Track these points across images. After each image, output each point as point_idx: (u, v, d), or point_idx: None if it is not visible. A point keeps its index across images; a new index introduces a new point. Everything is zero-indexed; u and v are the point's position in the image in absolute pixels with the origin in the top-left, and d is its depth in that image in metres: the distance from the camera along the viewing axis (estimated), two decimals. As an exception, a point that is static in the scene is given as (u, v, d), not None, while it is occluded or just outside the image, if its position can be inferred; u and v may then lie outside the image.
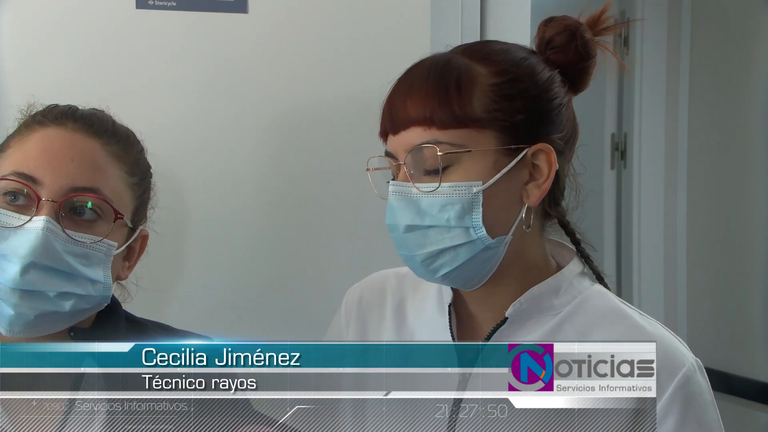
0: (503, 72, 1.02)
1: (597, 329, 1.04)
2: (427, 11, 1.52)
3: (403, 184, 1.02)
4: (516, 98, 1.01)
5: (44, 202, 1.01)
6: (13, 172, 1.02)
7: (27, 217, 1.01)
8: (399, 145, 1.02)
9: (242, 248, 1.51)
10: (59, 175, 1.03)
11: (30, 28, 1.41)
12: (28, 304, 1.01)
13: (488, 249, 1.02)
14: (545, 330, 1.05)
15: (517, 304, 1.06)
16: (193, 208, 1.47)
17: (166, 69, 1.45)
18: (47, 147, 1.04)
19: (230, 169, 1.49)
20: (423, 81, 1.01)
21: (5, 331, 1.02)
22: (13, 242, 1.00)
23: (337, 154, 1.51)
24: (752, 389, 2.58)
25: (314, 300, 1.51)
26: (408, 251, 1.03)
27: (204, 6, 1.46)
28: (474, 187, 1.00)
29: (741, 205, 2.71)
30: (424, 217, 1.01)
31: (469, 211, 1.00)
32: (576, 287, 1.08)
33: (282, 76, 1.49)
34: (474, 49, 1.05)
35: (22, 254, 0.99)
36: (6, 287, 1.00)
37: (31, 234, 1.00)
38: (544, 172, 1.03)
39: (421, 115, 1.00)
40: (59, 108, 1.10)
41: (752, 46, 2.66)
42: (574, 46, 1.07)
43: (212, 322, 1.46)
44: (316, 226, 1.53)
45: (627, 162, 2.97)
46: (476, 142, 1.00)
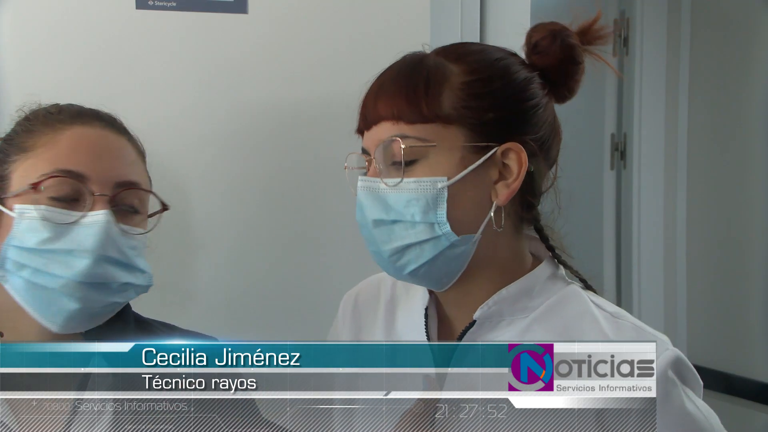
0: (475, 71, 1.03)
1: (565, 333, 1.03)
2: (427, 11, 1.52)
3: (370, 179, 1.04)
4: (486, 97, 1.02)
5: (98, 197, 1.03)
6: (58, 169, 1.03)
7: (78, 213, 1.03)
8: (371, 140, 1.04)
9: (243, 247, 1.51)
10: (105, 170, 1.05)
11: (30, 28, 1.41)
12: (94, 297, 1.03)
13: (454, 246, 1.01)
14: (515, 333, 1.05)
15: (485, 307, 1.05)
16: (193, 207, 1.47)
17: (165, 69, 1.45)
18: (88, 144, 1.06)
19: (230, 168, 1.49)
20: (393, 79, 1.03)
21: (59, 327, 1.04)
22: (76, 237, 1.02)
23: (338, 154, 1.50)
24: (752, 389, 2.58)
25: (316, 297, 1.51)
26: (375, 247, 1.04)
27: (204, 6, 1.46)
28: (439, 182, 1.00)
29: (741, 205, 2.71)
30: (389, 212, 1.02)
31: (433, 207, 1.00)
32: (550, 288, 1.07)
33: (282, 76, 1.49)
34: (450, 49, 1.07)
35: (91, 247, 1.01)
36: (73, 281, 1.01)
37: (95, 227, 1.02)
38: (514, 171, 1.03)
39: (390, 110, 1.01)
40: (73, 107, 1.11)
41: (752, 46, 2.66)
42: (554, 48, 1.07)
43: (212, 321, 1.46)
44: (317, 225, 1.53)
45: (627, 162, 2.97)
46: (443, 137, 1.01)
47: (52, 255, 1.02)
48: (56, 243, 1.01)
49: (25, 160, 1.05)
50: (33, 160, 1.04)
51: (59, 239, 1.02)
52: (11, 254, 1.02)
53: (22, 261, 1.02)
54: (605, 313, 1.06)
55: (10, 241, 1.02)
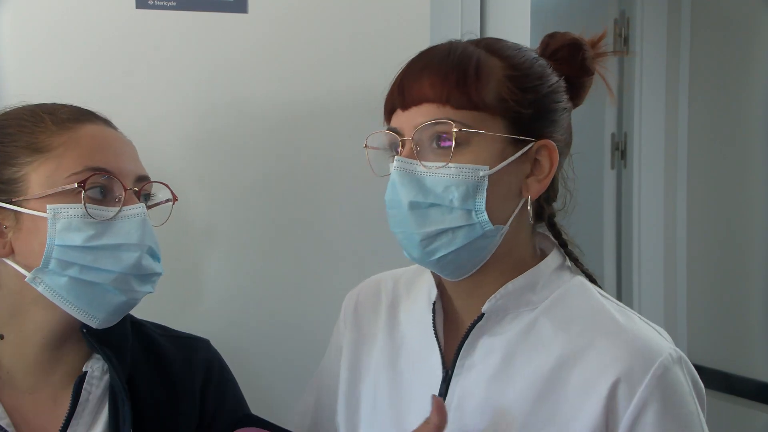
0: (518, 66, 1.04)
1: (573, 325, 1.04)
2: (427, 11, 1.52)
3: (408, 160, 1.02)
4: (529, 92, 1.03)
5: (130, 192, 1.06)
6: (90, 167, 1.04)
7: (114, 208, 1.05)
8: (407, 120, 1.03)
9: (242, 247, 1.51)
10: (128, 166, 1.07)
11: (30, 28, 1.41)
12: (139, 288, 1.06)
13: (485, 236, 1.02)
14: (522, 325, 1.06)
15: (492, 300, 1.06)
16: (192, 207, 1.47)
17: (165, 68, 1.45)
18: (107, 142, 1.08)
19: (230, 168, 1.49)
20: (442, 62, 1.02)
21: (100, 321, 1.06)
22: (121, 231, 1.04)
23: (338, 153, 1.51)
24: (752, 389, 2.58)
25: (316, 298, 1.52)
26: (406, 229, 1.03)
27: (204, 6, 1.46)
28: (481, 170, 1.01)
29: (741, 205, 2.71)
30: (427, 195, 1.01)
31: (473, 194, 1.01)
32: (555, 281, 1.09)
33: (281, 75, 1.49)
34: (487, 42, 1.08)
35: (137, 241, 1.04)
36: (123, 275, 1.03)
37: (136, 221, 1.05)
38: (545, 168, 1.05)
39: (438, 92, 1.01)
40: (72, 107, 1.11)
41: (752, 46, 2.66)
42: (578, 59, 1.10)
43: (212, 322, 1.46)
44: (318, 225, 1.53)
45: (627, 162, 2.97)
46: (487, 126, 1.01)
47: (101, 251, 1.03)
48: (102, 239, 1.03)
49: (44, 160, 1.04)
50: (56, 161, 1.04)
51: (104, 235, 1.03)
52: (57, 254, 1.02)
53: (70, 259, 1.02)
54: (614, 304, 1.08)
55: (53, 242, 1.02)
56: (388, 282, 1.23)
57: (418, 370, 1.12)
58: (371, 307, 1.22)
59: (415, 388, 1.11)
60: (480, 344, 1.07)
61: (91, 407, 1.09)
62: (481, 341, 1.07)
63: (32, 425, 1.08)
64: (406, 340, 1.15)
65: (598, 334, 1.02)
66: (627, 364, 0.99)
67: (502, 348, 1.05)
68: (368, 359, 1.18)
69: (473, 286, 1.08)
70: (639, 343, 1.01)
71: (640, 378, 0.98)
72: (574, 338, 1.03)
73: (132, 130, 1.14)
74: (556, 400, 1.01)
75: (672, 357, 1.00)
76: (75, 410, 1.07)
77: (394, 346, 1.16)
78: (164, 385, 1.16)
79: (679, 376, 1.00)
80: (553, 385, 1.01)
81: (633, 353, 1.00)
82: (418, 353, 1.13)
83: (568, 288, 1.08)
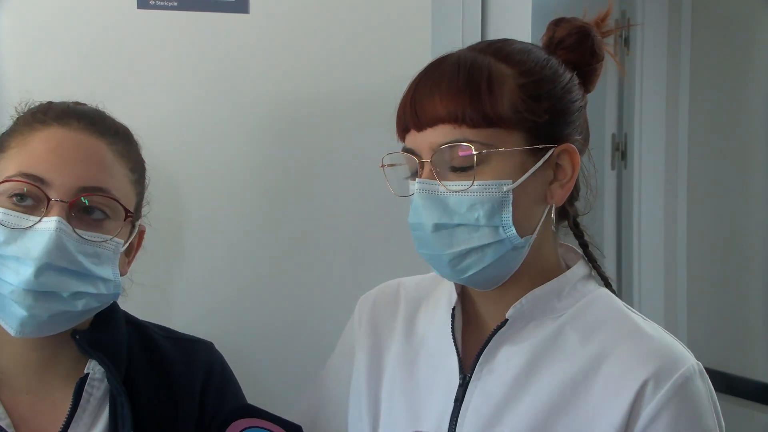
0: (529, 72, 1.02)
1: (599, 333, 1.04)
2: (428, 11, 1.52)
3: (429, 182, 1.01)
4: (543, 99, 1.02)
5: (54, 203, 1.01)
6: (20, 172, 1.02)
7: (36, 217, 1.00)
8: (424, 142, 1.01)
9: (242, 247, 1.51)
10: (68, 176, 1.02)
11: (31, 28, 1.41)
12: (42, 305, 1.00)
13: (515, 249, 1.02)
14: (546, 333, 1.05)
15: (518, 305, 1.05)
16: (194, 206, 1.47)
17: (167, 68, 1.45)
18: (54, 147, 1.04)
19: (232, 167, 1.49)
20: (452, 78, 1.00)
21: (15, 332, 1.02)
22: (25, 243, 1.00)
23: (339, 153, 1.51)
24: (752, 389, 2.58)
25: (316, 298, 1.52)
26: (434, 251, 1.02)
27: (205, 6, 1.46)
28: (504, 185, 1.00)
29: (741, 205, 2.71)
30: (452, 216, 1.00)
31: (498, 210, 1.00)
32: (580, 290, 1.08)
33: (283, 75, 1.49)
34: (495, 48, 1.05)
35: (36, 255, 0.99)
36: (19, 289, 0.99)
37: (45, 235, 1.00)
38: (568, 172, 1.04)
39: (452, 113, 0.99)
40: (60, 106, 1.10)
41: (752, 46, 2.66)
42: (587, 46, 1.08)
43: (210, 320, 1.46)
44: (318, 225, 1.53)
45: (627, 162, 2.97)
46: (505, 141, 1.00)
47: (4, 260, 1.00)
48: (8, 248, 1.00)
49: (1, 160, 1.05)
50: (6, 162, 1.04)
51: (11, 244, 1.00)
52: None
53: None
54: (639, 316, 1.07)
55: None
56: (409, 288, 1.21)
57: (436, 374, 1.10)
58: (389, 312, 1.20)
59: (432, 393, 1.10)
60: (502, 351, 1.06)
61: (92, 409, 1.09)
62: (503, 348, 1.06)
63: (32, 426, 1.07)
64: (424, 345, 1.14)
65: (623, 340, 1.02)
66: (655, 366, 0.98)
67: (525, 354, 1.04)
68: (385, 365, 1.17)
69: (500, 294, 1.07)
70: (666, 349, 1.01)
71: (664, 381, 0.98)
72: (598, 347, 1.02)
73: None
74: (577, 409, 1.00)
75: (695, 368, 1.00)
76: (75, 412, 1.07)
77: (411, 351, 1.15)
78: (164, 387, 1.15)
79: (700, 388, 1.00)
80: (575, 394, 1.00)
81: (660, 356, 0.99)
82: (435, 358, 1.12)
83: (594, 298, 1.08)
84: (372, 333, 1.19)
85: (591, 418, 0.99)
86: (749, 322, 2.64)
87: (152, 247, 1.18)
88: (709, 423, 1.00)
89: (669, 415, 0.97)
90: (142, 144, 1.15)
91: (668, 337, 1.04)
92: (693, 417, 0.99)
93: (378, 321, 1.20)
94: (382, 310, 1.21)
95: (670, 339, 1.04)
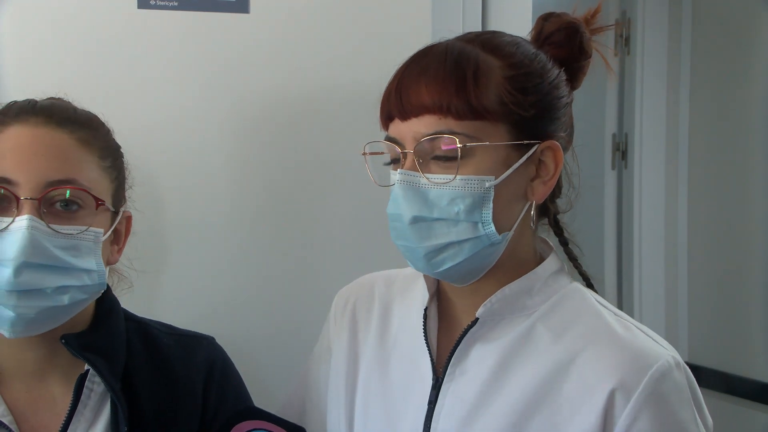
0: (517, 65, 1.01)
1: (570, 331, 1.03)
2: (428, 11, 1.52)
3: (411, 173, 0.99)
4: (529, 93, 1.00)
5: (24, 201, 1.00)
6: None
7: (9, 218, 1.00)
8: (408, 131, 1.00)
9: (242, 247, 1.51)
10: (33, 172, 1.02)
11: (31, 28, 1.41)
12: (26, 304, 1.01)
13: (492, 245, 1.00)
14: (518, 332, 1.04)
15: (488, 304, 1.04)
16: (194, 206, 1.47)
17: (167, 68, 1.45)
18: (14, 146, 1.03)
19: (232, 166, 1.49)
20: (439, 68, 0.99)
21: (7, 332, 1.02)
22: (1, 245, 1.00)
23: (340, 152, 1.51)
24: (752, 389, 2.58)
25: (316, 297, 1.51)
26: (410, 243, 1.01)
27: (205, 6, 1.46)
28: (486, 181, 0.98)
29: (741, 205, 2.71)
30: (432, 209, 0.99)
31: (479, 206, 0.98)
32: (551, 286, 1.06)
33: (283, 75, 1.49)
34: (483, 39, 1.03)
35: (12, 256, 0.99)
36: (2, 290, 0.99)
37: (17, 234, 0.99)
38: (551, 169, 1.03)
39: (437, 103, 0.97)
40: (18, 104, 1.09)
41: (752, 46, 2.66)
42: (576, 43, 1.06)
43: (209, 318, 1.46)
44: (317, 224, 1.53)
45: (628, 162, 2.97)
46: (490, 135, 0.98)
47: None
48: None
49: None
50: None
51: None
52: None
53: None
54: (611, 313, 1.05)
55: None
56: (381, 285, 1.20)
57: (410, 377, 1.09)
58: (365, 308, 1.19)
59: (407, 396, 1.09)
60: (474, 351, 1.05)
61: (93, 405, 1.09)
62: (475, 347, 1.05)
63: (33, 422, 1.08)
64: (398, 347, 1.13)
65: (592, 341, 1.01)
66: (623, 372, 0.97)
67: (497, 354, 1.03)
68: (360, 368, 1.15)
69: (474, 289, 1.05)
70: (635, 351, 0.99)
71: (635, 385, 0.96)
72: (569, 345, 1.01)
73: (132, 130, 1.14)
74: (550, 408, 0.99)
75: (668, 363, 0.98)
76: (76, 408, 1.07)
77: (385, 354, 1.13)
78: (166, 383, 1.15)
79: (675, 383, 0.98)
80: (547, 393, 0.99)
81: (628, 361, 0.98)
82: (409, 360, 1.10)
83: (565, 294, 1.06)
84: (350, 333, 1.18)
85: (562, 419, 0.98)
86: (749, 322, 2.64)
87: (152, 247, 1.18)
88: (686, 415, 0.98)
89: (647, 416, 0.96)
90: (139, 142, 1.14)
91: (639, 335, 1.02)
92: (669, 414, 0.97)
93: (356, 316, 1.19)
94: (358, 305, 1.20)
95: (641, 336, 1.02)
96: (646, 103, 2.91)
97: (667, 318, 2.89)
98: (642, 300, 2.92)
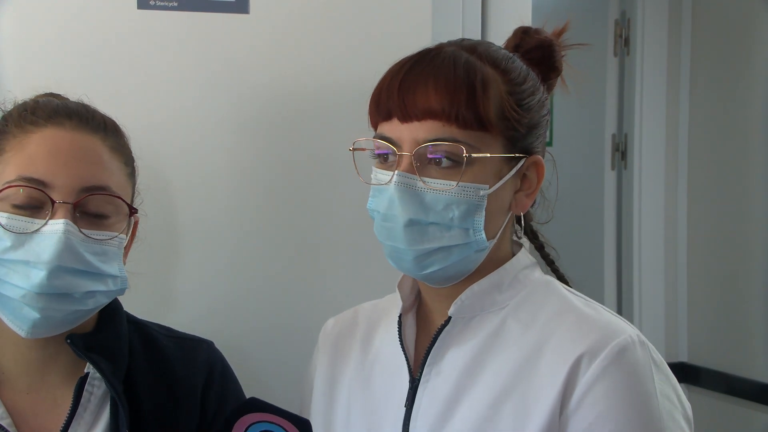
0: (515, 81, 1.04)
1: (539, 319, 1.04)
2: (429, 11, 1.52)
3: (408, 175, 1.00)
4: (525, 110, 1.03)
5: (59, 205, 1.01)
6: (21, 177, 1.01)
7: (41, 221, 1.01)
8: (408, 134, 1.00)
9: (242, 248, 1.51)
10: (70, 177, 1.02)
11: (31, 28, 1.41)
12: (54, 307, 1.01)
13: (478, 251, 1.03)
14: (490, 328, 1.06)
15: (458, 302, 1.06)
16: (194, 206, 1.47)
17: (167, 69, 1.45)
18: (52, 149, 1.03)
19: (232, 166, 1.49)
20: (449, 74, 1.00)
21: (26, 333, 1.02)
22: (34, 247, 1.00)
23: (340, 153, 1.50)
24: (752, 389, 2.58)
25: (316, 299, 1.51)
26: (401, 244, 1.02)
27: (205, 6, 1.46)
28: (481, 190, 1.01)
29: (741, 205, 2.71)
30: (428, 213, 1.00)
31: (473, 213, 1.01)
32: (522, 281, 1.08)
33: (283, 75, 1.49)
34: (481, 51, 1.05)
35: (47, 259, 0.99)
36: (32, 293, 1.00)
37: (53, 237, 1.00)
38: (533, 183, 1.07)
39: (446, 109, 0.98)
40: (49, 105, 1.09)
41: (752, 46, 2.67)
42: (552, 61, 1.10)
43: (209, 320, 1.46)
44: (317, 226, 1.53)
45: (627, 162, 2.98)
46: (489, 146, 1.01)
47: (13, 265, 1.00)
48: (16, 253, 1.00)
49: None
50: (2, 166, 1.03)
51: (18, 249, 1.00)
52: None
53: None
54: (580, 299, 1.08)
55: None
56: (367, 309, 1.23)
57: (389, 383, 1.11)
58: (347, 338, 1.21)
59: (388, 402, 1.10)
60: (449, 351, 1.06)
61: (93, 407, 1.09)
62: (451, 349, 1.06)
63: (32, 425, 1.07)
64: (379, 358, 1.15)
65: (562, 323, 1.02)
66: (590, 341, 0.99)
67: (470, 351, 1.05)
68: (339, 392, 1.17)
69: (451, 293, 1.07)
70: (601, 324, 1.02)
71: (599, 352, 0.98)
72: (539, 331, 1.03)
73: (132, 130, 1.14)
74: (521, 391, 1.00)
75: (631, 339, 1.00)
76: (76, 411, 1.07)
77: (366, 368, 1.15)
78: (165, 387, 1.15)
79: (636, 357, 0.99)
80: (521, 379, 1.01)
81: (594, 330, 1.00)
82: (389, 368, 1.12)
83: (535, 287, 1.08)
84: (328, 363, 1.20)
85: (533, 401, 0.99)
86: (749, 322, 2.65)
87: (152, 247, 1.18)
88: (648, 388, 0.99)
89: (606, 382, 0.97)
90: (139, 143, 1.15)
91: (607, 315, 1.05)
92: (630, 383, 0.98)
93: (338, 342, 1.21)
94: (341, 331, 1.22)
95: (610, 316, 1.04)
96: (646, 104, 2.91)
97: (666, 318, 2.89)
98: (642, 300, 2.92)
